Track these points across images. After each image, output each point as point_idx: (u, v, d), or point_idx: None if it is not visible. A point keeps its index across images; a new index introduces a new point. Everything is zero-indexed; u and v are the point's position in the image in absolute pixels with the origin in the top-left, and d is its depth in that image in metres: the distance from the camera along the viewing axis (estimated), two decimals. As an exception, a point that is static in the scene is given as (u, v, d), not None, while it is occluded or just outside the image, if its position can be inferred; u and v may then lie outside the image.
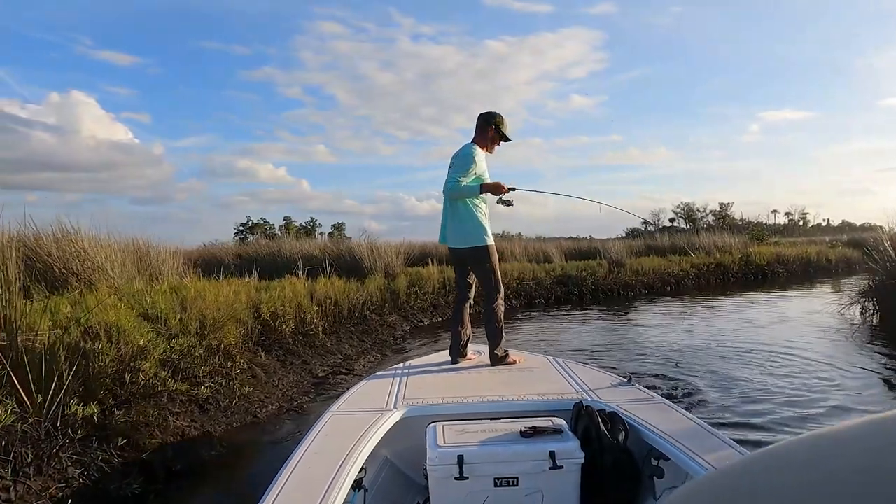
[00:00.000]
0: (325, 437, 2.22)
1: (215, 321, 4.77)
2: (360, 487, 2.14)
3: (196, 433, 3.81)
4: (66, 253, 5.74)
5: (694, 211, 77.99)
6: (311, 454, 2.05)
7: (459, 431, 2.26)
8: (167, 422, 3.62)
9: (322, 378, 5.74)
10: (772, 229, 51.76)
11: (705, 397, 4.58)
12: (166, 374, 3.95)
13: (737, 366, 5.70)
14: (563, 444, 2.16)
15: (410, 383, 3.08)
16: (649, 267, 15.23)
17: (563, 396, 2.73)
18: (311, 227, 79.83)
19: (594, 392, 2.79)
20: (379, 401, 2.71)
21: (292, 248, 11.68)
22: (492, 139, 3.83)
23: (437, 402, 2.71)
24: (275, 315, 6.36)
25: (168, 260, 9.13)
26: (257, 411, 4.47)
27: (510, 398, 2.75)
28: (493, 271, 3.73)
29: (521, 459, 2.12)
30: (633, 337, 7.89)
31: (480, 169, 3.70)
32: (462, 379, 3.30)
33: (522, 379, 3.20)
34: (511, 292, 12.26)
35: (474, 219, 3.69)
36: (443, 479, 2.09)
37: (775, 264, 18.33)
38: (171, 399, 3.93)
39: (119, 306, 4.95)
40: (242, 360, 5.05)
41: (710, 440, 2.12)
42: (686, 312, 10.45)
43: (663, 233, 26.70)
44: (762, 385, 4.90)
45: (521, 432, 2.22)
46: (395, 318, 9.22)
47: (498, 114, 3.82)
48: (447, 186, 3.71)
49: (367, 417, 2.43)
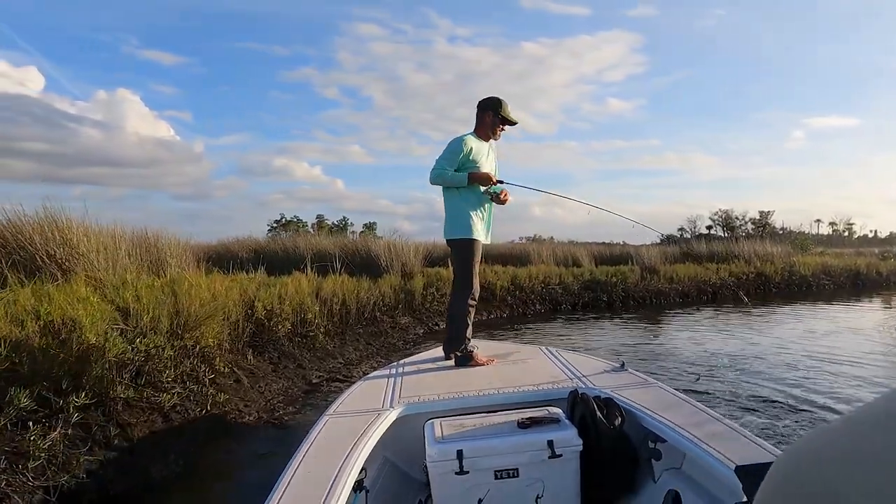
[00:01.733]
0: (323, 441, 2.18)
1: (190, 319, 4.29)
2: (361, 489, 2.11)
3: (150, 447, 3.32)
4: (49, 241, 5.35)
5: (732, 218, 75.50)
6: (309, 458, 2.01)
7: (457, 426, 2.27)
8: (109, 435, 3.13)
9: (315, 385, 5.22)
10: (815, 239, 49.64)
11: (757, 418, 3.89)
12: (121, 379, 3.47)
13: (800, 386, 4.98)
14: (561, 432, 2.18)
15: (406, 382, 3.06)
16: (684, 274, 14.37)
17: (559, 385, 2.74)
18: (343, 225, 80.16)
19: (588, 379, 2.80)
20: (375, 401, 2.68)
21: (306, 244, 11.26)
22: (492, 125, 3.68)
23: (434, 398, 2.69)
24: (270, 314, 5.88)
25: (178, 253, 8.83)
26: (232, 422, 3.97)
27: (506, 390, 2.74)
28: (468, 267, 3.58)
29: (520, 450, 2.14)
30: (665, 348, 7.17)
31: (474, 158, 3.55)
32: (457, 374, 3.25)
33: (517, 370, 3.19)
34: (535, 296, 11.63)
35: (461, 210, 3.57)
36: (443, 474, 2.10)
37: (821, 275, 17.20)
38: (128, 406, 3.45)
39: (92, 299, 4.52)
40: (223, 363, 4.56)
41: (705, 420, 2.15)
42: (727, 322, 9.64)
43: (700, 240, 25.61)
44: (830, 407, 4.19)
45: (518, 423, 2.23)
46: (408, 321, 8.68)
47: (495, 98, 3.68)
48: (431, 172, 3.57)
49: (365, 418, 2.41)
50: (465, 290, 3.60)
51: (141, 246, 8.08)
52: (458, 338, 3.51)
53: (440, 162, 3.54)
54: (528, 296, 11.56)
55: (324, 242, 11.54)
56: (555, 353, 3.48)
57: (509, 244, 20.63)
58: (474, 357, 3.41)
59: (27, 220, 5.56)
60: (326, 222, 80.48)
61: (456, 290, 3.67)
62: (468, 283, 3.60)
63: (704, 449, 1.88)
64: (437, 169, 3.52)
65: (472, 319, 3.62)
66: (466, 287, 3.60)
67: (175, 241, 9.08)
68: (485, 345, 3.91)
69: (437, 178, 3.55)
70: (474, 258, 3.59)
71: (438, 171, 3.51)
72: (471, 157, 3.54)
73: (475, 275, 3.62)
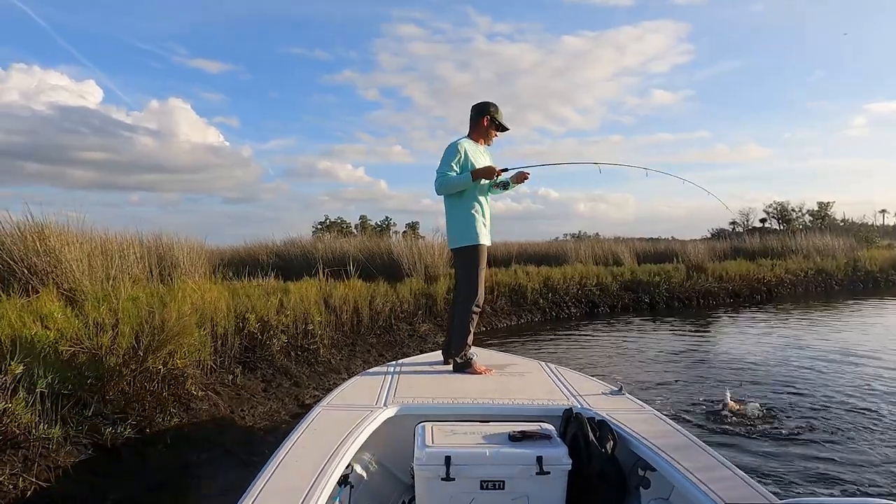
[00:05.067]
0: (313, 432, 2.20)
1: (156, 337, 3.80)
2: (346, 483, 2.14)
3: (88, 490, 2.82)
4: (28, 250, 5.00)
5: (788, 211, 71.68)
6: (298, 448, 2.03)
7: (448, 432, 2.26)
8: (26, 485, 2.63)
9: (307, 407, 4.67)
10: (881, 231, 46.53)
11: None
12: (55, 414, 2.99)
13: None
14: (551, 449, 2.16)
15: (402, 381, 3.06)
16: (735, 272, 13.30)
17: (554, 402, 2.72)
18: (386, 225, 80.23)
19: (584, 399, 2.75)
20: (370, 397, 2.70)
21: (325, 247, 10.79)
22: (486, 130, 3.69)
23: (428, 401, 2.69)
24: (265, 325, 5.38)
25: (193, 259, 8.50)
26: (190, 460, 3.44)
27: (501, 401, 2.72)
28: (473, 274, 3.56)
29: (508, 463, 2.12)
30: (712, 359, 6.35)
31: (471, 162, 3.53)
32: (454, 380, 3.24)
33: (514, 383, 3.16)
34: (570, 298, 10.87)
35: (462, 217, 3.56)
36: (429, 479, 2.08)
37: (890, 270, 15.74)
38: (59, 446, 2.96)
39: (57, 315, 4.10)
40: (195, 385, 4.06)
41: (698, 453, 2.11)
42: (787, 323, 8.66)
43: (753, 234, 24.11)
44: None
45: (509, 436, 2.22)
46: (427, 328, 8.07)
47: (490, 103, 3.70)
48: (435, 183, 3.55)
49: (357, 414, 2.42)
50: (469, 297, 3.58)
51: (155, 252, 7.81)
52: (458, 344, 3.50)
53: (441, 169, 3.52)
54: (562, 298, 10.81)
55: (343, 245, 11.04)
56: (553, 370, 3.44)
57: (548, 242, 19.75)
58: (473, 365, 3.41)
59: (7, 229, 5.23)
60: (370, 223, 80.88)
61: (460, 297, 3.68)
62: (473, 289, 3.57)
63: (694, 483, 1.84)
64: (440, 177, 3.50)
65: (474, 327, 3.60)
66: (471, 294, 3.58)
67: (189, 247, 8.79)
68: (485, 354, 3.91)
69: (441, 186, 3.53)
70: (479, 264, 3.57)
71: (442, 179, 3.49)
72: (468, 159, 3.53)
73: (480, 281, 3.59)
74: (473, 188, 3.56)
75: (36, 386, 2.97)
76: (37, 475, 2.72)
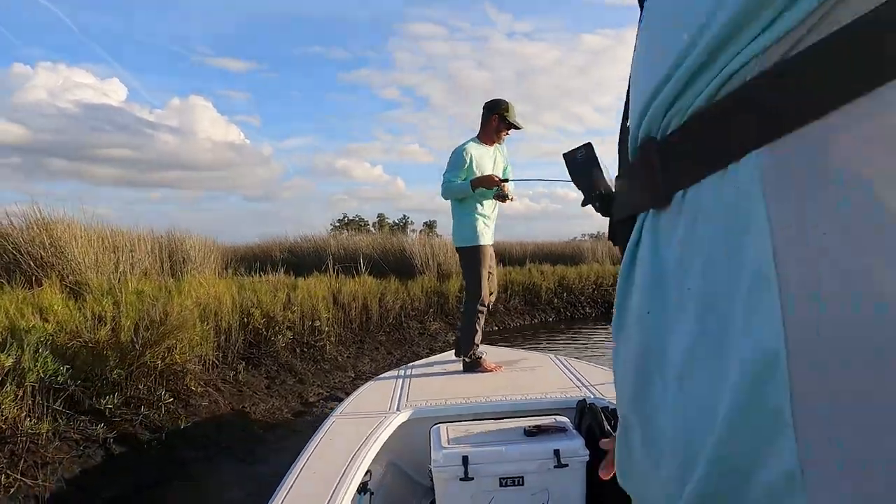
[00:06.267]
0: (329, 442, 2.23)
1: (154, 332, 3.71)
2: (365, 491, 2.11)
3: (77, 491, 2.74)
4: (33, 243, 4.97)
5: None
6: (315, 459, 2.05)
7: (463, 432, 2.26)
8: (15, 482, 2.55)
9: (309, 405, 4.57)
10: None
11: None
12: (48, 406, 2.91)
13: None
14: (568, 442, 2.16)
15: (414, 385, 3.07)
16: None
17: (566, 394, 2.73)
18: (404, 223, 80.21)
19: (597, 389, 2.77)
20: (383, 403, 2.72)
21: (337, 244, 10.70)
22: (496, 129, 3.64)
23: (441, 403, 2.71)
24: (270, 321, 5.29)
25: (205, 254, 8.47)
26: (185, 458, 3.35)
27: (514, 397, 2.74)
28: (477, 273, 3.59)
29: (525, 458, 2.12)
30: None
31: (478, 166, 3.56)
32: (465, 379, 3.26)
33: (525, 378, 3.16)
34: (585, 298, 10.67)
35: (466, 218, 3.61)
36: (448, 480, 2.09)
37: None
38: (48, 441, 2.88)
39: (56, 308, 4.05)
40: (195, 381, 3.97)
41: None
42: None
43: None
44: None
45: (525, 431, 2.22)
46: (438, 327, 7.95)
47: (501, 100, 3.64)
48: (441, 188, 3.65)
49: (372, 420, 2.44)
50: (475, 296, 3.61)
51: (166, 247, 7.79)
52: (466, 343, 3.52)
53: (446, 175, 3.59)
54: (577, 297, 10.61)
55: (356, 242, 10.95)
56: (563, 362, 3.45)
57: (564, 242, 19.47)
58: (482, 363, 3.43)
59: (15, 221, 5.21)
60: (387, 221, 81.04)
61: (466, 296, 3.74)
62: (478, 289, 3.60)
63: None
64: (445, 183, 3.57)
65: (481, 326, 3.61)
66: (476, 293, 3.61)
67: (202, 243, 8.76)
68: (494, 351, 3.91)
69: (445, 193, 3.62)
70: (482, 264, 3.60)
71: (446, 186, 3.57)
72: (474, 165, 3.54)
73: (485, 280, 3.62)
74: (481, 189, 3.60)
75: (25, 380, 2.89)
76: (23, 472, 2.63)
